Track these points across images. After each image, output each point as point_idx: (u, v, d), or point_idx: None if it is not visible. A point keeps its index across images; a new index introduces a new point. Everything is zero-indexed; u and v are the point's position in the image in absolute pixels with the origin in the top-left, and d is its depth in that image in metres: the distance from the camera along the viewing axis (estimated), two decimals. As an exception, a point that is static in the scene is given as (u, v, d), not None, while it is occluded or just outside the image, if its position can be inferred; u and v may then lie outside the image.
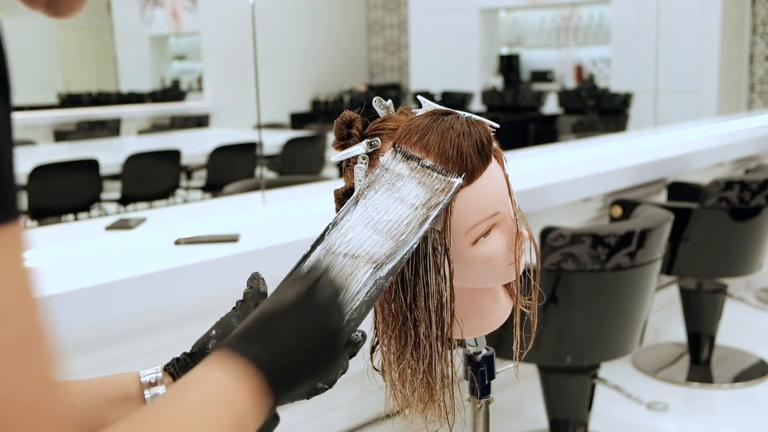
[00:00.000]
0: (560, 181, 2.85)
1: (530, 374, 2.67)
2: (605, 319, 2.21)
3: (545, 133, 7.92)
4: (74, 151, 5.92)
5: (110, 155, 5.43)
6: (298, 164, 5.81)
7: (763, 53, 8.22)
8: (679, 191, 3.40)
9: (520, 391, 2.83)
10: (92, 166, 4.91)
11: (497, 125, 0.88)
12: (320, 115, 9.58)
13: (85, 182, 4.92)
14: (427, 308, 0.84)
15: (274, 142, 5.98)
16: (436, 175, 0.82)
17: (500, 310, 0.93)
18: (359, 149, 0.85)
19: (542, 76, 9.98)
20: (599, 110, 8.16)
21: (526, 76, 10.17)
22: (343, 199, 0.87)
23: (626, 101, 8.09)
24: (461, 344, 0.99)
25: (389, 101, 0.90)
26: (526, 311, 0.95)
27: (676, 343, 3.43)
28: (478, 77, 9.89)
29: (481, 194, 0.83)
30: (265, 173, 5.76)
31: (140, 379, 0.78)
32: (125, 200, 5.30)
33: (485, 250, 0.85)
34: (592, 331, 2.21)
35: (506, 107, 9.09)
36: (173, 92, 11.16)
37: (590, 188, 3.03)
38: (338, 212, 0.83)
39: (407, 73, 11.27)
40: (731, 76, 8.11)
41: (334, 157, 0.89)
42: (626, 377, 3.06)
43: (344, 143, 0.88)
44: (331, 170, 5.99)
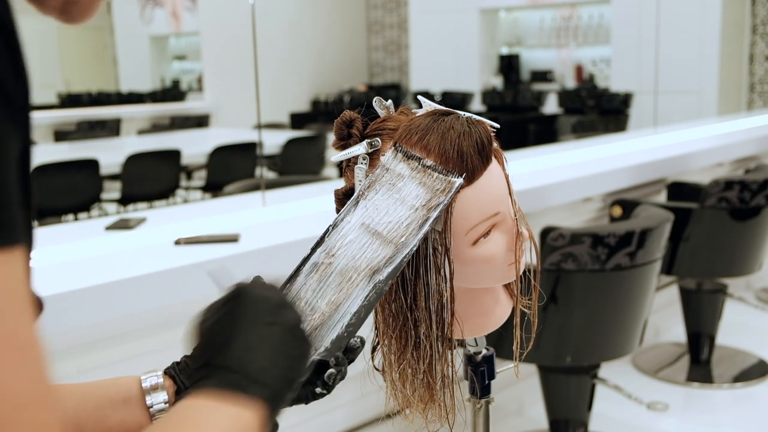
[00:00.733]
0: (560, 181, 2.85)
1: (530, 374, 2.66)
2: (605, 319, 2.21)
3: (545, 133, 7.91)
4: (74, 151, 5.92)
5: (110, 155, 5.42)
6: (298, 164, 5.81)
7: (763, 53, 8.22)
8: (679, 191, 3.40)
9: (520, 391, 2.83)
10: (92, 166, 4.91)
11: (497, 125, 0.88)
12: (320, 115, 9.58)
13: (85, 182, 4.92)
14: (427, 308, 0.84)
15: (274, 142, 5.97)
16: (436, 175, 0.82)
17: (500, 310, 0.93)
18: (359, 149, 0.85)
19: (542, 76, 9.98)
20: (599, 110, 8.16)
21: (526, 76, 10.17)
22: (343, 199, 0.87)
23: (626, 101, 8.09)
24: (461, 344, 0.99)
25: (389, 101, 0.90)
26: (526, 311, 0.95)
27: (676, 343, 3.43)
28: (478, 77, 9.89)
29: (481, 194, 0.83)
30: (265, 173, 5.76)
31: (141, 383, 0.78)
32: (125, 200, 5.30)
33: (485, 250, 0.85)
34: (592, 331, 2.21)
35: (506, 107, 9.09)
36: (173, 92, 11.16)
37: (590, 188, 3.03)
38: (338, 213, 0.83)
39: (407, 73, 11.27)
40: (731, 76, 8.11)
41: (334, 157, 0.89)
42: (626, 377, 3.06)
43: (344, 143, 0.88)
44: (331, 170, 5.99)
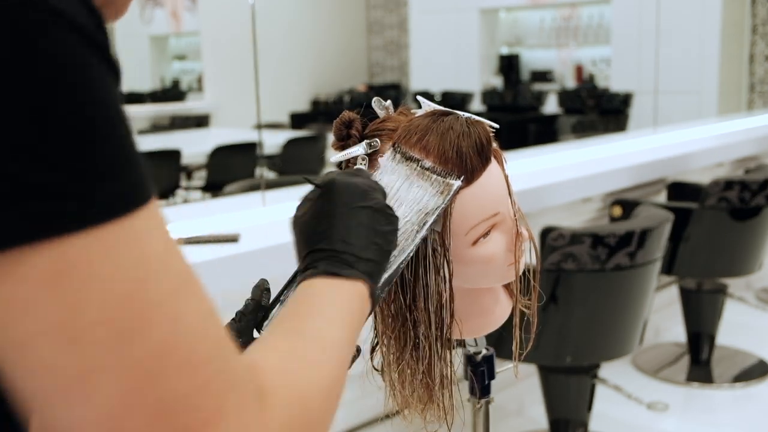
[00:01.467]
0: (560, 181, 2.85)
1: (530, 374, 2.66)
2: (605, 319, 2.21)
3: (545, 133, 7.91)
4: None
5: (110, 155, 5.41)
6: (298, 164, 5.80)
7: (763, 53, 8.22)
8: (679, 191, 3.40)
9: (520, 391, 2.83)
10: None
11: (497, 126, 0.88)
12: (320, 115, 9.57)
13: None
14: (426, 309, 0.84)
15: (274, 142, 5.97)
16: (435, 177, 0.82)
17: (500, 310, 0.93)
18: (359, 150, 0.85)
19: (542, 76, 9.97)
20: (599, 110, 8.15)
21: (526, 76, 10.17)
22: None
23: (626, 101, 8.08)
24: (461, 344, 0.98)
25: (389, 102, 0.90)
26: (526, 311, 0.95)
27: (676, 343, 3.43)
28: (478, 77, 9.88)
29: (480, 195, 0.83)
30: (265, 173, 5.76)
31: None
32: (125, 200, 5.29)
33: (485, 250, 0.85)
34: (592, 331, 2.21)
35: (506, 107, 9.08)
36: (173, 92, 11.15)
37: (590, 188, 3.03)
38: None
39: (407, 73, 11.26)
40: (731, 76, 8.11)
41: (333, 157, 0.89)
42: (626, 377, 3.06)
43: (344, 144, 0.88)
44: (331, 170, 5.98)
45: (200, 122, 8.85)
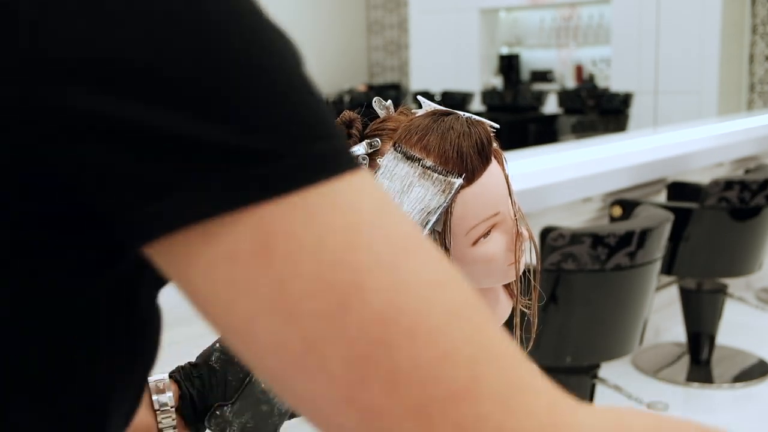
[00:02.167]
0: (560, 181, 2.85)
1: (530, 374, 2.66)
2: (605, 319, 2.21)
3: (545, 133, 7.91)
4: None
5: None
6: (298, 164, 5.80)
7: (763, 53, 8.22)
8: (679, 191, 3.40)
9: (520, 391, 2.83)
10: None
11: (497, 126, 0.88)
12: (320, 115, 9.56)
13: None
14: (426, 308, 0.84)
15: (274, 142, 5.97)
16: (436, 176, 0.82)
17: (500, 310, 0.93)
18: (359, 150, 0.85)
19: (542, 76, 9.97)
20: (599, 110, 8.15)
21: (526, 76, 10.17)
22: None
23: (626, 101, 8.08)
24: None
25: (389, 101, 0.90)
26: (526, 311, 0.95)
27: (676, 343, 3.43)
28: (478, 77, 9.88)
29: (481, 195, 0.83)
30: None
31: (147, 383, 0.78)
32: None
33: (485, 250, 0.85)
34: (592, 331, 2.21)
35: (506, 107, 9.08)
36: (173, 92, 11.15)
37: (590, 188, 3.03)
38: None
39: (407, 73, 11.26)
40: (731, 76, 8.11)
41: (333, 157, 0.89)
42: (626, 377, 3.06)
43: (344, 144, 0.88)
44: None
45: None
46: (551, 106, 8.99)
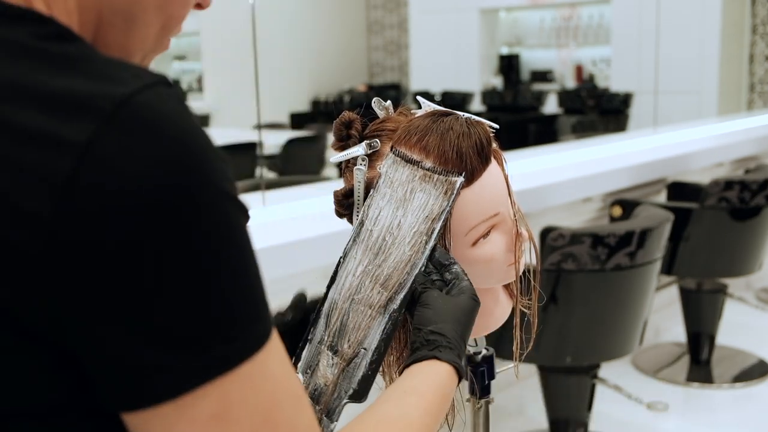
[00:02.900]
0: (560, 181, 2.85)
1: (530, 374, 2.66)
2: (605, 319, 2.21)
3: (545, 133, 7.90)
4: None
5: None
6: (298, 164, 5.80)
7: (763, 53, 8.22)
8: (679, 191, 3.40)
9: (520, 391, 2.83)
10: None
11: (497, 126, 0.88)
12: (320, 115, 9.57)
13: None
14: (426, 309, 0.84)
15: (274, 142, 5.97)
16: (437, 176, 0.82)
17: (500, 310, 0.93)
18: (358, 150, 0.85)
19: (542, 76, 9.97)
20: (599, 110, 8.15)
21: (526, 76, 10.16)
22: (342, 200, 0.87)
23: (626, 101, 8.08)
24: (461, 345, 0.98)
25: (388, 102, 0.90)
26: (526, 311, 0.95)
27: (676, 343, 3.43)
28: (478, 77, 9.88)
29: (480, 195, 0.83)
30: (265, 173, 5.76)
31: None
32: (125, 200, 5.28)
33: (485, 251, 0.85)
34: (592, 331, 2.21)
35: (506, 107, 9.08)
36: (173, 92, 11.13)
37: (590, 188, 3.03)
38: (347, 243, 0.84)
39: (407, 73, 11.26)
40: (731, 76, 8.11)
41: (333, 158, 0.89)
42: (626, 377, 3.06)
43: (343, 144, 0.88)
44: (331, 170, 5.99)
45: (200, 122, 8.83)
46: (551, 106, 8.98)
